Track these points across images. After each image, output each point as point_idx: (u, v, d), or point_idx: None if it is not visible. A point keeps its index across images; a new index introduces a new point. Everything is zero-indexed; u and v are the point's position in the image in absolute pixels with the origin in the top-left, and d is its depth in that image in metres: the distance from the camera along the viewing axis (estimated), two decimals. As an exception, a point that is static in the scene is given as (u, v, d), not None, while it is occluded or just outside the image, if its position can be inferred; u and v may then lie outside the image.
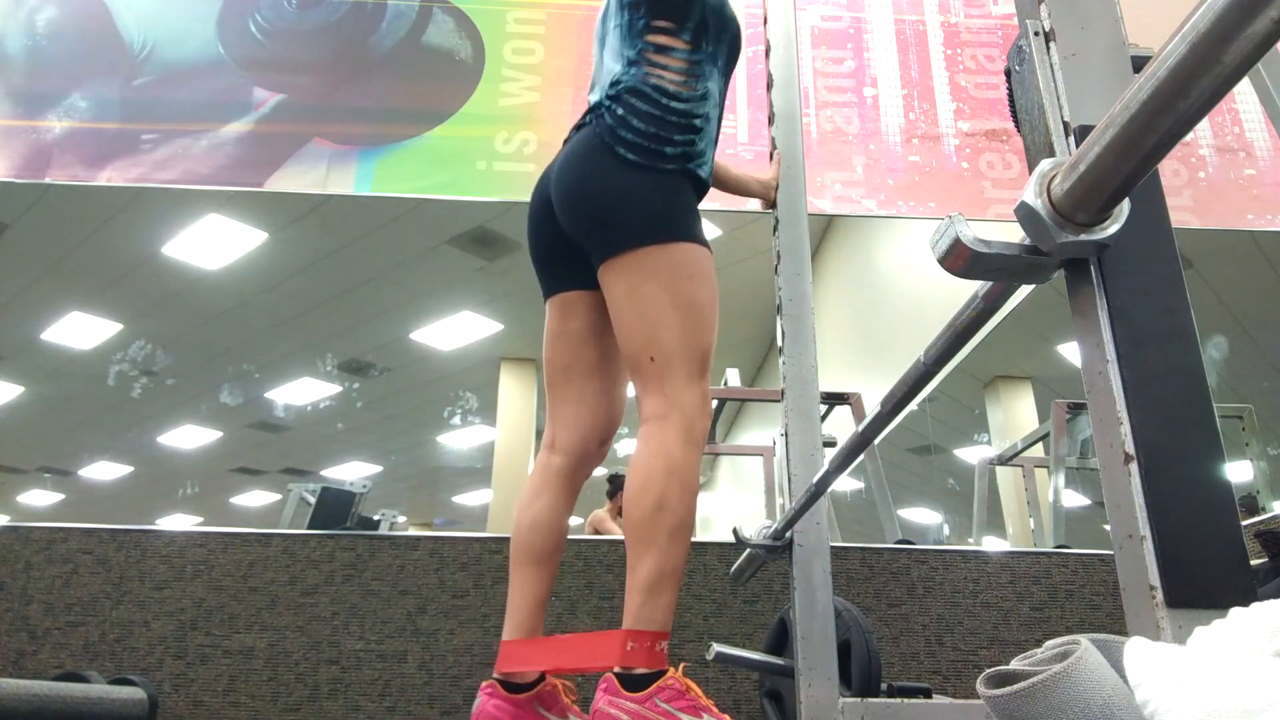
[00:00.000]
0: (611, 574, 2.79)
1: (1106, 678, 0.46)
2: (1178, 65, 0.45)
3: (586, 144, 1.48)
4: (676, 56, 1.52)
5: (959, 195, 2.94)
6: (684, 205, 1.47)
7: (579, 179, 1.46)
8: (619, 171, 1.43)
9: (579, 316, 1.58)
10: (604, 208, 1.43)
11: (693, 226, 1.46)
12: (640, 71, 1.50)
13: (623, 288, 1.42)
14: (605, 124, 1.46)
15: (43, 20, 3.15)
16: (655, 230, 1.41)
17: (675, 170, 1.46)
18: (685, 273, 1.41)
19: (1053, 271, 0.64)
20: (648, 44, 1.52)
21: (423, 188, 2.92)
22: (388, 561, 2.79)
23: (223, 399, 9.11)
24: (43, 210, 6.03)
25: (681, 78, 1.51)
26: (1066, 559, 2.86)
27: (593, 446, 1.57)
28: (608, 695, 1.24)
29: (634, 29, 1.54)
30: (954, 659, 2.71)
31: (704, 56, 1.54)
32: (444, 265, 6.75)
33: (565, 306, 1.59)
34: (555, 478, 1.54)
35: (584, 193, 1.45)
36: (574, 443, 1.56)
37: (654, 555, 1.31)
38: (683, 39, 1.53)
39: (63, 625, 2.73)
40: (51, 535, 2.83)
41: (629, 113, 1.46)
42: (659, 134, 1.45)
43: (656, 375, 1.40)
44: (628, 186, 1.43)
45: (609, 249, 1.43)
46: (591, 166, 1.45)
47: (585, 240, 1.48)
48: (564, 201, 1.48)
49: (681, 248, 1.42)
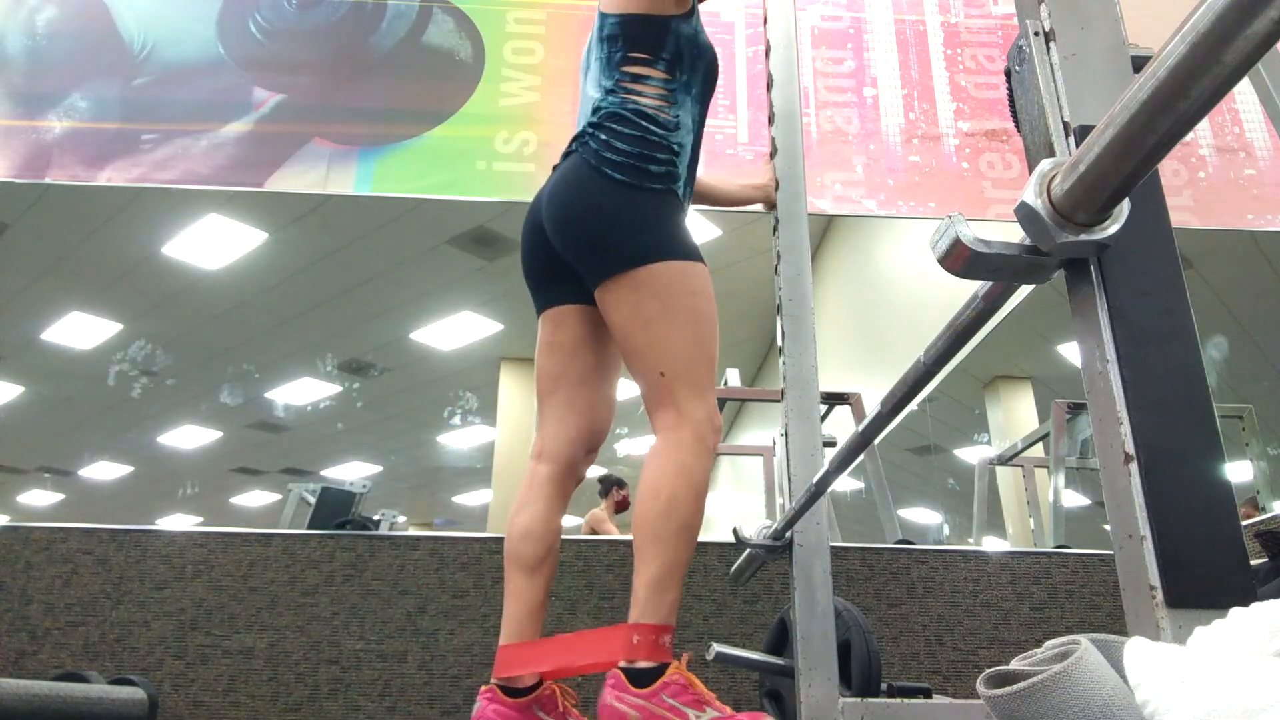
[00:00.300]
0: (611, 574, 2.79)
1: (1106, 678, 0.46)
2: (1178, 65, 0.45)
3: (574, 169, 1.53)
4: (653, 84, 1.58)
5: (959, 195, 2.94)
6: (675, 222, 1.51)
7: (569, 203, 1.51)
8: (608, 193, 1.48)
9: (570, 329, 1.62)
10: (596, 231, 1.48)
11: (686, 243, 1.50)
12: (618, 99, 1.56)
13: (627, 309, 1.46)
14: (590, 149, 1.52)
15: (43, 20, 3.15)
16: (649, 250, 1.46)
17: (662, 189, 1.51)
18: (686, 289, 1.46)
19: (1053, 271, 0.64)
20: (624, 74, 1.58)
21: (423, 188, 2.92)
22: (388, 561, 2.79)
23: (223, 399, 9.11)
24: (43, 210, 6.03)
25: (657, 102, 1.57)
26: (1066, 559, 2.86)
27: (580, 454, 1.61)
28: (615, 691, 1.27)
29: (612, 60, 1.60)
30: (954, 659, 2.71)
31: (678, 85, 1.60)
32: (444, 265, 6.75)
33: (557, 320, 1.63)
34: (544, 486, 1.57)
35: (575, 216, 1.50)
36: (562, 450, 1.59)
37: (661, 553, 1.35)
38: (658, 69, 1.59)
39: (63, 625, 2.73)
40: (51, 535, 2.83)
41: (612, 136, 1.51)
42: (643, 153, 1.50)
43: (668, 390, 1.44)
44: (618, 207, 1.47)
45: (605, 271, 1.47)
46: (581, 190, 1.50)
47: (580, 263, 1.52)
48: (556, 226, 1.52)
49: (678, 265, 1.46)
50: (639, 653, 1.29)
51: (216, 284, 7.05)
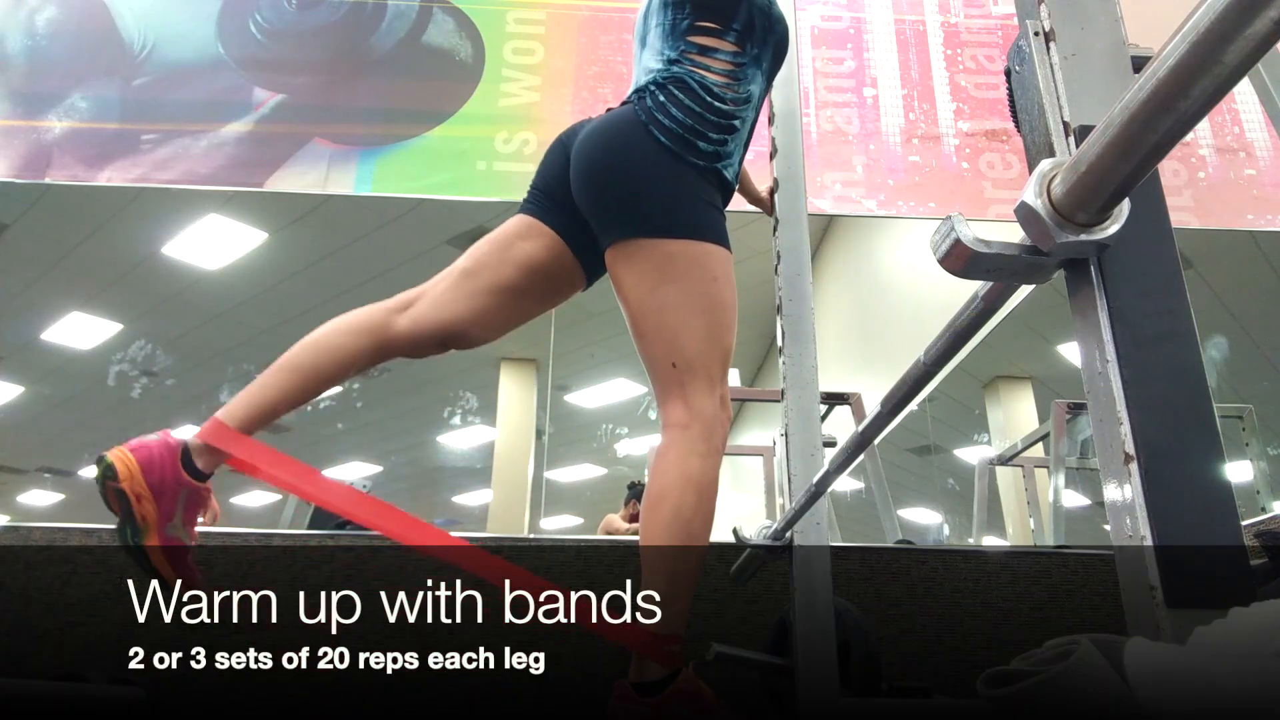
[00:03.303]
0: (611, 574, 2.79)
1: (1107, 678, 0.46)
2: (1178, 65, 0.45)
3: (623, 118, 1.42)
4: (720, 58, 1.46)
5: (959, 195, 2.94)
6: (711, 204, 1.42)
7: (607, 149, 1.40)
8: (651, 152, 1.37)
9: (535, 246, 1.49)
10: (627, 186, 1.37)
11: (718, 227, 1.41)
12: (684, 69, 1.45)
13: (643, 284, 1.37)
14: (646, 104, 1.40)
15: (43, 20, 3.15)
16: (678, 224, 1.36)
17: (705, 167, 1.41)
18: (709, 274, 1.37)
19: (1053, 271, 0.64)
20: (691, 44, 1.47)
21: (423, 188, 2.92)
22: (388, 562, 2.80)
23: (223, 399, 9.10)
24: (43, 210, 6.03)
25: (725, 79, 1.46)
26: (1066, 559, 2.86)
27: (434, 341, 1.50)
28: (623, 704, 1.27)
29: (677, 29, 1.49)
30: (954, 659, 2.71)
31: (748, 59, 1.49)
32: (444, 265, 6.71)
33: (530, 229, 1.51)
34: (379, 332, 1.48)
35: (608, 165, 1.39)
36: (427, 323, 1.48)
37: (668, 563, 1.33)
38: (728, 40, 1.47)
39: (63, 625, 2.73)
40: (51, 535, 2.83)
41: (669, 101, 1.40)
42: (696, 127, 1.40)
43: (678, 383, 1.38)
44: (656, 170, 1.37)
45: (622, 231, 1.37)
46: (622, 141, 1.39)
47: (596, 215, 1.41)
48: (585, 169, 1.41)
49: (703, 247, 1.37)
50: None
51: (216, 284, 7.05)
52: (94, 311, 7.49)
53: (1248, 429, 3.52)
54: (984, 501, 4.50)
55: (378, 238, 6.36)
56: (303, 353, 1.46)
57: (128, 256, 6.73)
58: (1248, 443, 3.50)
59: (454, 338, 1.51)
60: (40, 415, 9.39)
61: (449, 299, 1.50)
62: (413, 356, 1.53)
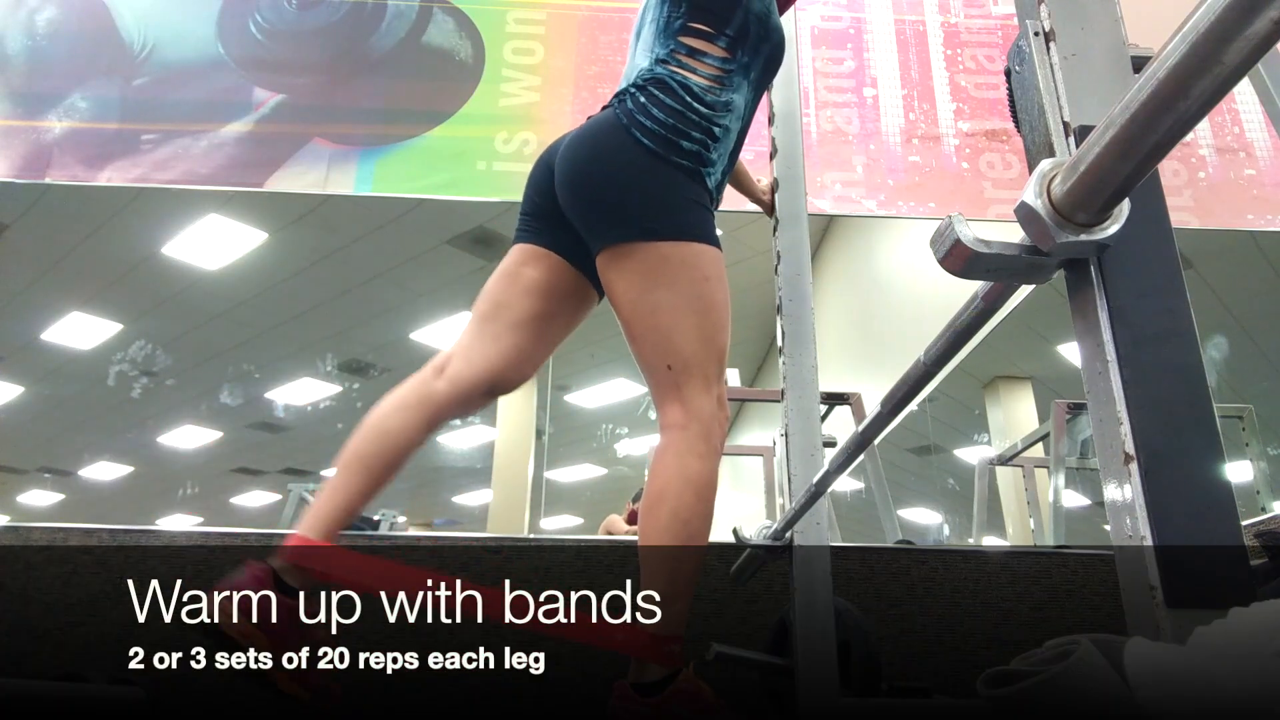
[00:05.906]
0: (611, 574, 2.79)
1: (1107, 678, 0.46)
2: (1178, 65, 0.45)
3: (603, 122, 1.42)
4: (708, 62, 1.46)
5: (959, 195, 2.95)
6: (698, 203, 1.41)
7: (590, 157, 1.40)
8: (634, 155, 1.37)
9: (541, 271, 1.50)
10: (613, 192, 1.37)
11: (706, 226, 1.41)
12: (667, 71, 1.45)
13: (633, 288, 1.37)
14: (626, 107, 1.40)
15: (43, 20, 3.15)
16: (666, 225, 1.36)
17: (689, 167, 1.40)
18: (701, 274, 1.37)
19: (1053, 271, 0.64)
20: (680, 44, 1.47)
21: (423, 188, 2.92)
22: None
23: (223, 399, 9.11)
24: (43, 210, 6.03)
25: (708, 82, 1.45)
26: (1066, 559, 2.87)
27: (479, 392, 1.48)
28: (623, 704, 1.26)
29: (670, 27, 1.48)
30: (954, 659, 2.71)
31: (737, 66, 1.48)
32: (444, 265, 6.75)
33: (533, 256, 1.51)
34: (427, 402, 1.45)
35: (592, 171, 1.39)
36: (465, 379, 1.45)
37: (667, 564, 1.32)
38: (719, 45, 1.47)
39: (63, 625, 2.73)
40: (51, 535, 2.83)
41: (651, 101, 1.40)
42: (678, 126, 1.39)
43: (674, 384, 1.38)
44: (641, 173, 1.37)
45: (611, 235, 1.37)
46: (604, 145, 1.39)
47: (583, 222, 1.41)
48: (569, 177, 1.41)
49: (691, 248, 1.37)
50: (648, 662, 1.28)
51: (216, 284, 7.05)
52: (94, 311, 7.49)
53: (1248, 429, 3.52)
54: (984, 501, 4.50)
55: (378, 238, 6.36)
56: (364, 444, 1.42)
57: (127, 256, 6.73)
58: (1248, 443, 3.50)
59: (496, 384, 1.50)
60: (40, 415, 9.39)
61: (478, 348, 1.49)
62: (465, 415, 1.52)
